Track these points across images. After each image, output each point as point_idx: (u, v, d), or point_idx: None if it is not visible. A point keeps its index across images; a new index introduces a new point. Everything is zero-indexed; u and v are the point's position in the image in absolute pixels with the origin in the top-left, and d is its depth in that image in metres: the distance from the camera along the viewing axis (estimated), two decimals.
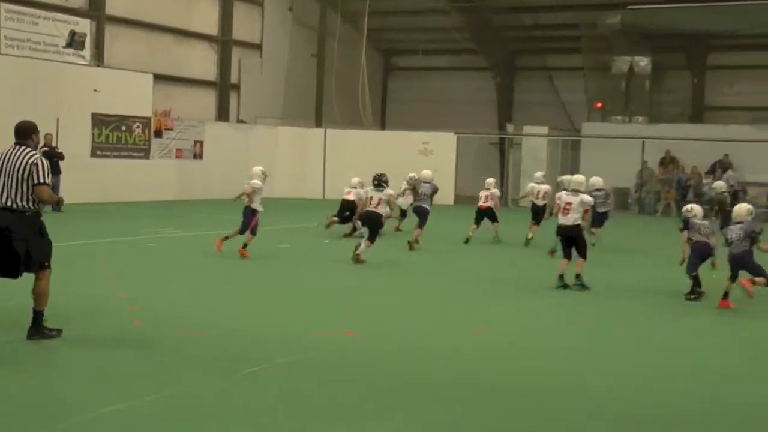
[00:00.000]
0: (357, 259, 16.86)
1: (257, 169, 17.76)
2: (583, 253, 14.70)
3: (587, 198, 15.00)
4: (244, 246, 16.92)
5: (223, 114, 36.18)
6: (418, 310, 12.51)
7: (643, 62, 37.82)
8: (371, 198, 17.60)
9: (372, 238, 17.23)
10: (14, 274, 9.36)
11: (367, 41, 39.78)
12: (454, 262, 18.24)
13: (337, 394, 7.99)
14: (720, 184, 21.24)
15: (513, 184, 37.39)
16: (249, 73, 37.30)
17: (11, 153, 9.34)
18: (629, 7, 35.82)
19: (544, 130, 37.70)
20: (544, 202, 21.02)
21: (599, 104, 38.91)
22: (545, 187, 21.30)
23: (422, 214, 20.55)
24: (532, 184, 21.75)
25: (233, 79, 36.65)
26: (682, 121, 37.44)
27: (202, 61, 35.56)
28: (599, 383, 8.75)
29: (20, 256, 9.17)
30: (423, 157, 35.02)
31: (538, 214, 21.12)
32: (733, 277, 13.29)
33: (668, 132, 35.25)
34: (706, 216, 15.17)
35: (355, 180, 22.37)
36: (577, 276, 14.55)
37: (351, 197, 21.79)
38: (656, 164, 35.71)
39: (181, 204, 29.97)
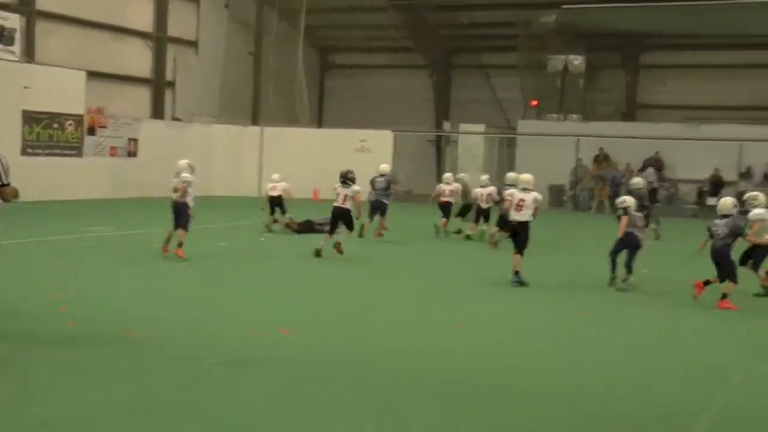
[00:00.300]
0: (339, 249, 17.61)
1: (184, 162, 17.04)
2: (521, 250, 14.83)
3: (539, 196, 15.18)
4: (180, 245, 16.44)
5: (158, 111, 35.84)
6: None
7: (578, 61, 38.28)
8: (338, 195, 17.92)
9: (350, 228, 17.98)
10: None
11: (304, 39, 39.71)
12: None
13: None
14: (638, 181, 21.81)
15: None
16: (184, 71, 36.98)
17: None
18: (564, 6, 36.26)
19: (481, 127, 37.98)
20: (488, 204, 21.45)
21: (534, 102, 39.31)
22: (489, 190, 21.64)
23: (378, 208, 21.20)
24: (477, 189, 22.05)
25: (168, 76, 36.32)
26: (615, 119, 37.98)
27: (136, 58, 35.18)
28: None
29: None
30: (360, 155, 35.02)
31: (480, 216, 21.64)
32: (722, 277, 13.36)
33: (602, 130, 35.71)
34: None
35: (276, 176, 22.61)
36: (516, 273, 14.70)
37: (277, 193, 22.01)
38: (590, 161, 36.18)
39: (115, 202, 29.61)
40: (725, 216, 13.46)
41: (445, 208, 22.42)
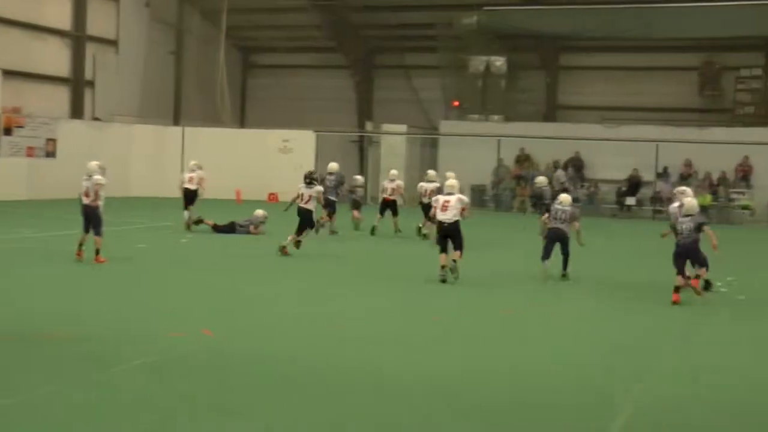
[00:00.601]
0: (284, 251, 17.91)
1: (94, 164, 16.28)
2: (459, 246, 15.19)
3: (465, 198, 15.86)
4: (98, 252, 15.95)
5: (77, 111, 35.21)
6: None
7: (499, 62, 38.65)
8: (302, 195, 18.42)
9: (300, 232, 18.23)
10: None
11: (226, 39, 39.41)
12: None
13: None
14: (541, 180, 22.50)
15: (372, 181, 37.76)
16: (104, 70, 36.40)
17: None
18: (485, 7, 36.64)
19: (403, 128, 38.16)
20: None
21: (456, 103, 39.57)
22: (433, 185, 21.90)
23: (328, 206, 21.91)
24: (421, 184, 22.48)
25: (88, 75, 35.72)
26: (536, 120, 38.45)
27: (54, 57, 34.51)
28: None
29: None
30: (282, 155, 34.98)
31: (427, 211, 21.81)
32: (680, 271, 13.78)
33: (523, 130, 36.14)
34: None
35: (193, 163, 22.71)
36: (454, 260, 15.13)
37: (193, 186, 22.01)
38: (512, 162, 36.60)
39: (33, 203, 29.05)
40: (688, 216, 14.08)
41: (383, 205, 22.99)
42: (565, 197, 16.30)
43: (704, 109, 37.71)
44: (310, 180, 18.57)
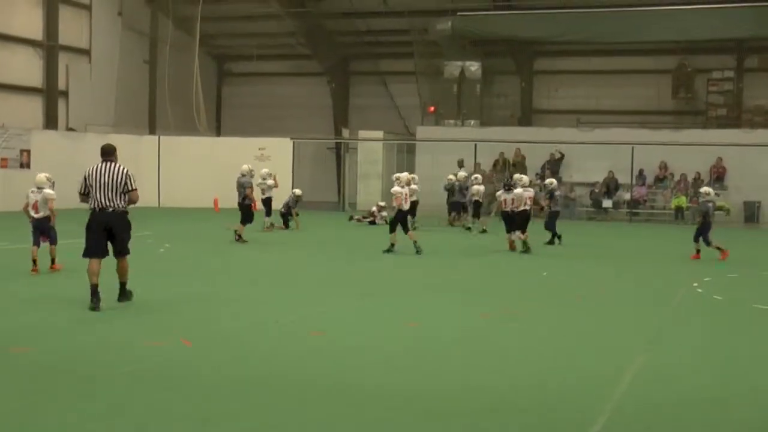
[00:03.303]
0: (512, 246, 20.75)
1: (43, 176, 16.20)
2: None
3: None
4: (53, 261, 15.94)
5: (51, 122, 35.04)
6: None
7: (474, 67, 38.82)
8: (504, 201, 21.21)
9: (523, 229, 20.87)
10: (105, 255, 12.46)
11: (200, 47, 39.36)
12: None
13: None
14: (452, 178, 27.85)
15: (350, 187, 37.83)
16: (78, 80, 36.26)
17: (105, 168, 12.63)
18: (459, 13, 36.80)
19: (380, 134, 38.24)
20: (526, 207, 21.17)
21: (432, 108, 39.69)
22: (529, 192, 21.42)
23: (456, 207, 28.69)
24: (500, 193, 22.01)
25: (61, 85, 35.54)
26: (512, 124, 38.63)
27: (26, 67, 34.35)
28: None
29: (117, 244, 12.56)
30: (259, 162, 34.85)
31: (514, 219, 21.38)
32: None
33: (499, 135, 36.29)
34: None
35: (264, 171, 25.35)
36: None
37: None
38: (489, 166, 36.70)
39: (7, 215, 28.79)
40: None
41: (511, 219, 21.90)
42: (551, 181, 21.58)
43: (678, 111, 38.04)
44: (508, 187, 21.35)
